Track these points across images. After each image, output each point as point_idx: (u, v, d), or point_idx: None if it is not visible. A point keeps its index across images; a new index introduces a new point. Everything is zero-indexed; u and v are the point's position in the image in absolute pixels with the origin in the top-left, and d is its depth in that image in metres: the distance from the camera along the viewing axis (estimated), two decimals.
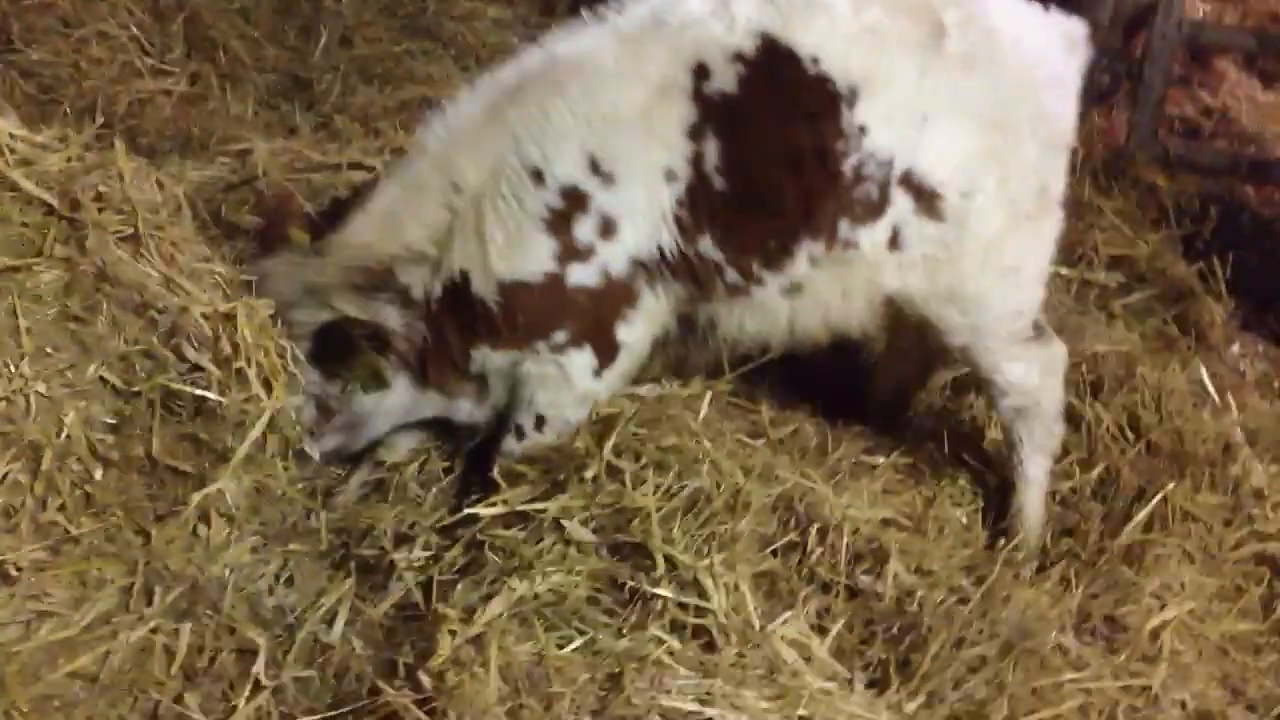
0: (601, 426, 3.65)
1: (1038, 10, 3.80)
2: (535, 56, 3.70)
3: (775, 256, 3.66)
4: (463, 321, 3.70)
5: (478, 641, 2.95)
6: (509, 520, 3.46)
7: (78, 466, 2.55)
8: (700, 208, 3.55)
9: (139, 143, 5.01)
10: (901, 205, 3.62)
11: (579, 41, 3.64)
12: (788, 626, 3.23)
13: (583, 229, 3.55)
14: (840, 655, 3.35)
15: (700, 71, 3.51)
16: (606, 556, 3.37)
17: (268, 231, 3.79)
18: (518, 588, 3.08)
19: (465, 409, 3.93)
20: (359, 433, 3.85)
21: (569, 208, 3.54)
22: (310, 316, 3.58)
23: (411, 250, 3.66)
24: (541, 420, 3.74)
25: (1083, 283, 5.75)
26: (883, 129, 3.55)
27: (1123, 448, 4.37)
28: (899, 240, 3.67)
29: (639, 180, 3.53)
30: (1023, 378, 3.86)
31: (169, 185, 3.31)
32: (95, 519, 2.57)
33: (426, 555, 3.50)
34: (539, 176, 3.52)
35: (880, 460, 4.30)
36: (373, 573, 3.48)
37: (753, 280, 3.69)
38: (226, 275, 3.16)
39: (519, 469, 3.61)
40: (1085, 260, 5.89)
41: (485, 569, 3.34)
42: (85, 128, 4.59)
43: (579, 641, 3.12)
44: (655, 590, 3.19)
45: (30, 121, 4.61)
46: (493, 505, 3.44)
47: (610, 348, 3.68)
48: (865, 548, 3.64)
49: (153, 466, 2.72)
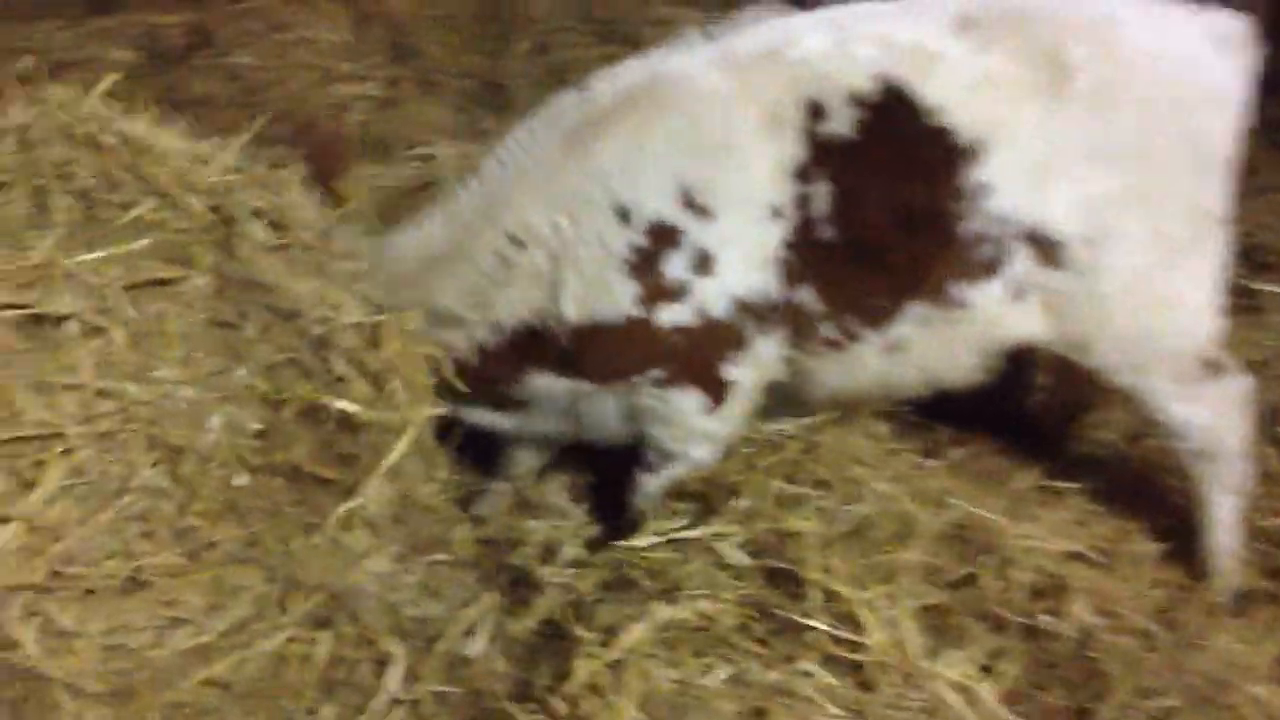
0: (757, 451, 3.50)
1: (1184, 14, 3.40)
2: (635, 73, 3.50)
3: (878, 316, 3.42)
4: (527, 355, 3.57)
5: (616, 667, 2.84)
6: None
7: (220, 472, 2.55)
8: (803, 254, 3.34)
9: None
10: (1023, 258, 3.35)
11: (686, 62, 3.44)
12: (953, 667, 3.00)
13: (674, 266, 3.35)
14: (1011, 701, 3.07)
15: (815, 110, 3.29)
16: (759, 582, 3.21)
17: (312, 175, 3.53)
18: (661, 613, 2.95)
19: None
20: None
21: (656, 246, 3.35)
22: None
23: (441, 314, 3.51)
24: (666, 455, 3.60)
25: None
26: (1003, 186, 3.28)
27: None
28: (1021, 291, 3.39)
29: (741, 215, 3.33)
30: (1195, 419, 3.49)
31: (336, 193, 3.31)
32: (236, 525, 2.56)
33: (573, 572, 3.40)
34: (625, 215, 3.34)
35: (1069, 486, 3.98)
36: (518, 587, 3.41)
37: (851, 338, 3.46)
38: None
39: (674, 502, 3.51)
40: None
41: (632, 590, 3.24)
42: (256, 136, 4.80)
43: (725, 672, 2.96)
44: (808, 621, 3.01)
45: (230, 125, 4.79)
46: (645, 537, 3.32)
47: (719, 387, 3.49)
48: (1046, 583, 3.37)
49: (296, 474, 2.70)
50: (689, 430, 3.56)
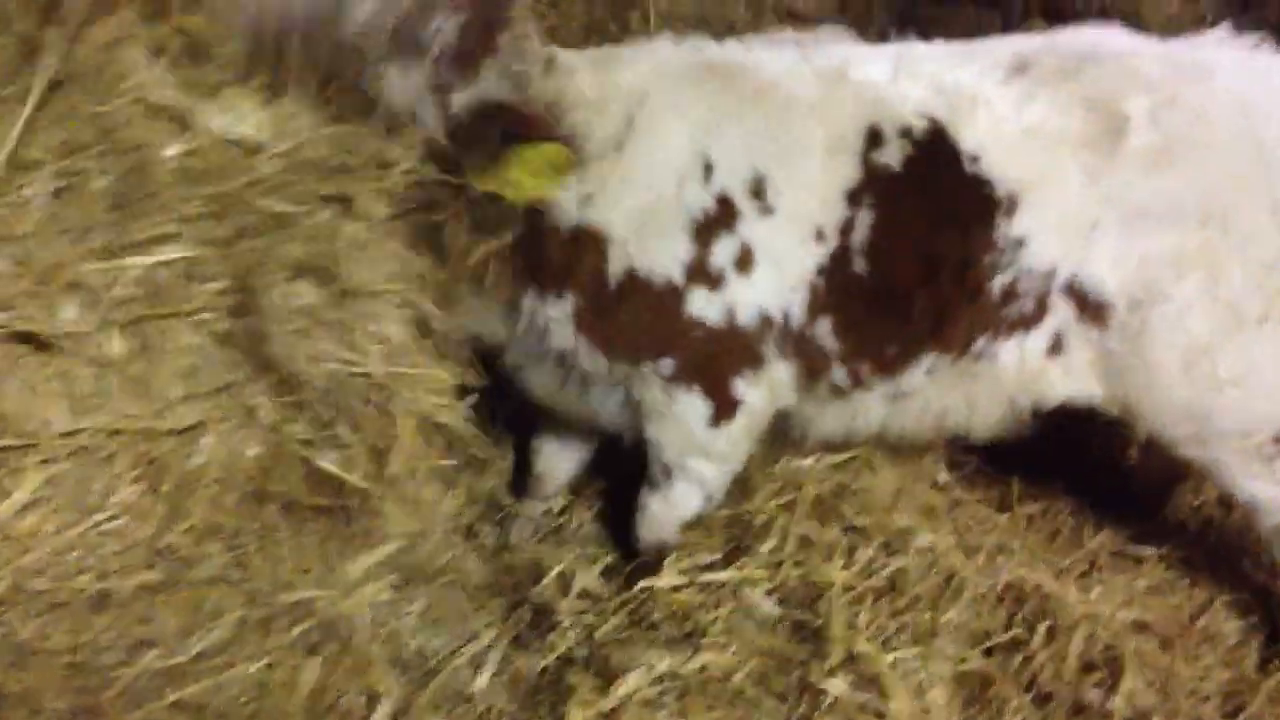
0: (795, 488, 3.33)
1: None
2: (734, 53, 3.29)
3: (890, 365, 3.20)
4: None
5: (613, 715, 2.71)
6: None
7: (209, 492, 2.49)
8: (833, 284, 3.12)
9: None
10: (1062, 314, 3.12)
11: (777, 60, 3.25)
12: None
13: (721, 249, 3.10)
14: None
15: (873, 136, 3.10)
16: (785, 634, 3.05)
17: None
18: (662, 663, 2.81)
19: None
20: None
21: (718, 219, 3.10)
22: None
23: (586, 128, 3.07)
24: (668, 469, 3.33)
25: None
26: (1041, 240, 3.06)
27: None
28: (1060, 346, 3.16)
29: (791, 226, 3.11)
30: (1269, 496, 3.19)
31: None
32: (223, 548, 2.51)
33: (593, 608, 3.27)
34: (709, 171, 3.10)
35: (1149, 552, 3.70)
36: (538, 620, 3.30)
37: (858, 385, 3.24)
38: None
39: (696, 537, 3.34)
40: None
41: (651, 632, 3.10)
42: None
43: None
44: (824, 684, 2.83)
45: None
46: (669, 576, 3.18)
47: (727, 400, 3.23)
48: (1101, 655, 3.11)
49: (293, 500, 2.64)
50: (690, 439, 3.29)
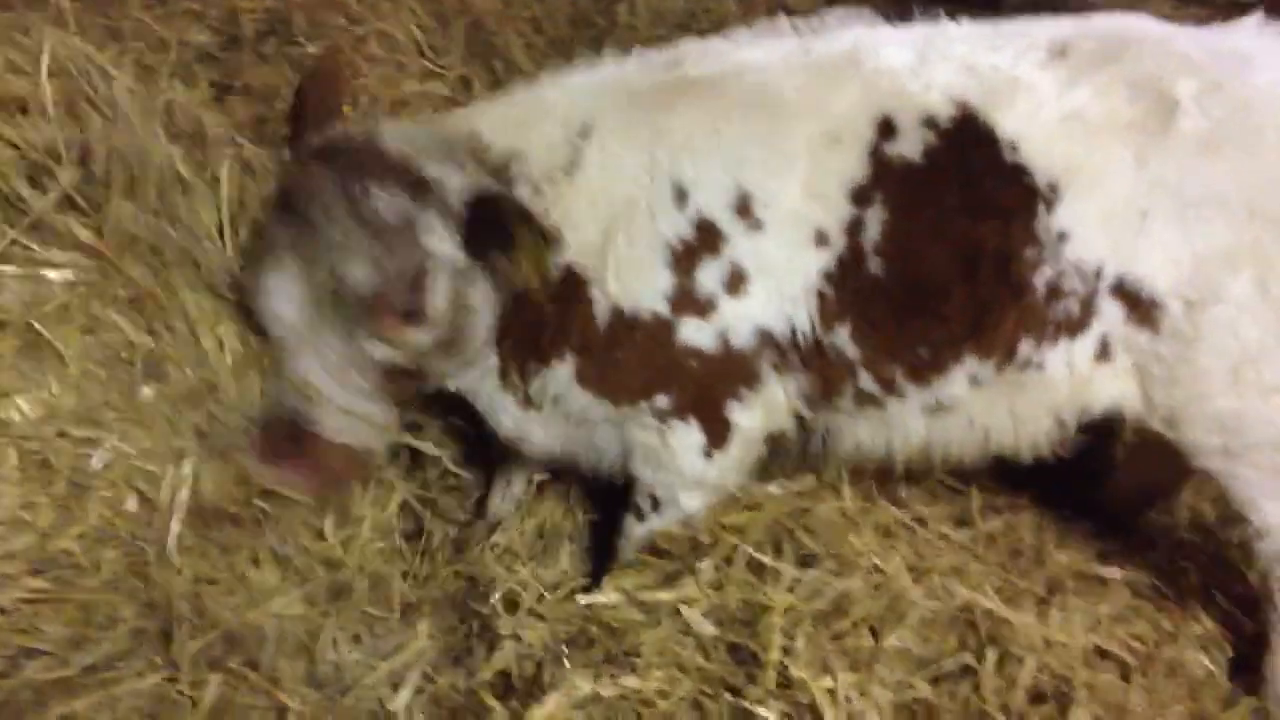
0: (746, 508, 3.21)
1: None
2: (715, 53, 3.18)
3: (924, 369, 3.04)
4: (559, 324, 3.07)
5: None
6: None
7: (106, 495, 2.40)
8: (846, 288, 2.97)
9: None
10: (1110, 316, 2.96)
11: (766, 54, 3.12)
12: None
13: (707, 275, 2.98)
14: None
15: (885, 127, 2.94)
16: (723, 657, 2.92)
17: (311, 99, 3.02)
18: (582, 686, 2.69)
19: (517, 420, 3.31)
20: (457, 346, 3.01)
21: (699, 245, 2.97)
22: (454, 178, 2.86)
23: (527, 173, 3.01)
24: (656, 502, 3.27)
25: None
26: (1089, 235, 2.90)
27: None
28: (1108, 351, 3.01)
29: (785, 235, 2.97)
30: None
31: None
32: (119, 554, 2.41)
33: (536, 624, 3.15)
34: (681, 197, 2.97)
35: (1114, 574, 3.56)
36: (480, 634, 3.19)
37: (891, 392, 3.08)
38: None
39: (643, 555, 3.22)
40: None
41: (589, 649, 2.99)
42: None
43: None
44: (757, 710, 2.71)
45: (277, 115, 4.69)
46: (608, 594, 3.06)
47: (721, 427, 3.13)
48: (1051, 685, 2.98)
49: (200, 507, 2.53)
50: (683, 475, 3.21)
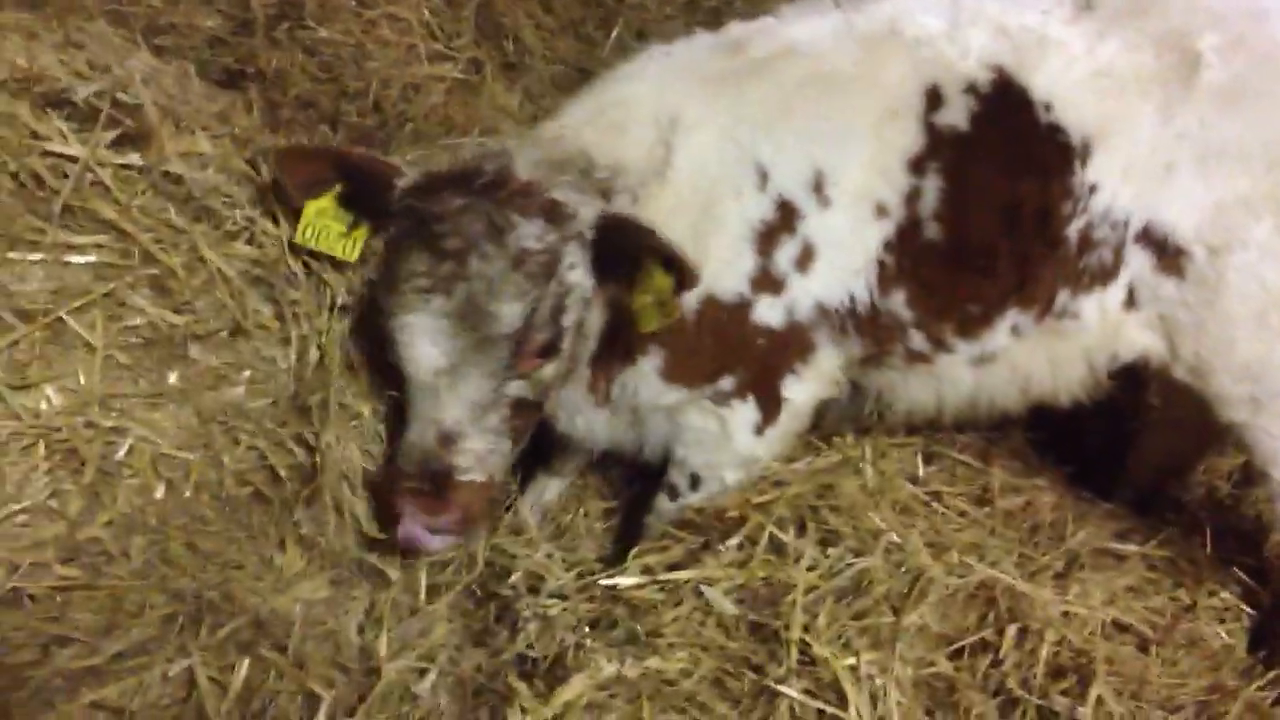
0: (770, 485, 3.22)
1: None
2: (771, 33, 3.16)
3: (973, 324, 3.09)
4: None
5: None
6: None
7: (133, 483, 2.42)
8: (904, 256, 3.00)
9: (405, 129, 5.01)
10: (1138, 263, 3.01)
11: (816, 31, 3.12)
12: None
13: (784, 254, 3.00)
14: None
15: (933, 97, 2.98)
16: (744, 635, 2.94)
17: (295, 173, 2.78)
18: (605, 668, 2.71)
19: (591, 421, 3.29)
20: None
21: (779, 225, 2.99)
22: (584, 205, 2.75)
23: (628, 184, 2.91)
24: (696, 480, 3.29)
25: None
26: (1117, 186, 2.96)
27: None
28: (1135, 299, 3.05)
29: (851, 211, 3.00)
30: None
31: None
32: (147, 541, 2.43)
33: (559, 604, 3.17)
34: (763, 178, 2.98)
35: (1132, 550, 3.57)
36: (501, 617, 3.21)
37: (941, 348, 3.12)
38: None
39: (668, 530, 3.22)
40: None
41: (611, 631, 3.01)
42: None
43: None
44: (781, 688, 2.72)
45: (301, 102, 4.71)
46: (631, 574, 3.07)
47: (774, 403, 3.17)
48: (1071, 660, 2.99)
49: (223, 490, 2.55)
50: (732, 454, 3.23)
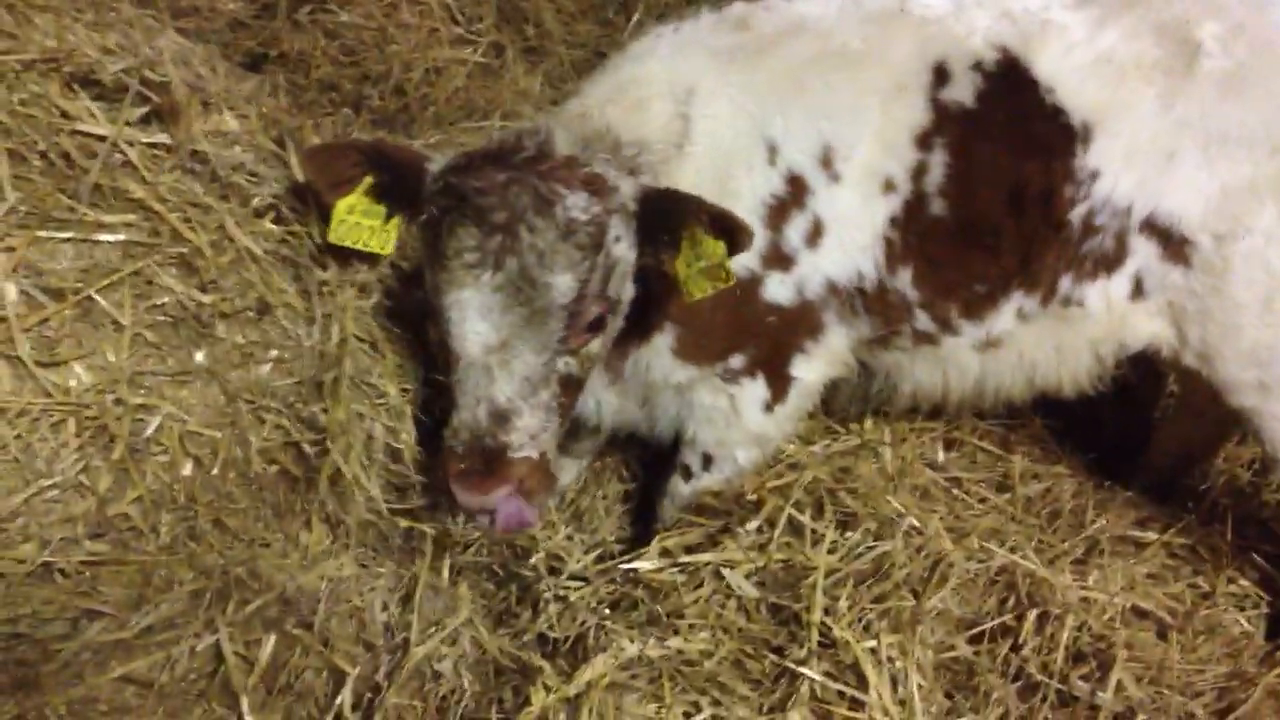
0: (787, 469, 3.22)
1: None
2: (778, 9, 3.17)
3: (978, 305, 3.10)
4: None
5: (576, 701, 2.63)
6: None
7: (162, 460, 2.43)
8: (910, 232, 3.01)
9: (428, 113, 5.01)
10: (1144, 253, 3.02)
11: (824, 8, 3.13)
12: None
13: (794, 229, 3.00)
14: None
15: (941, 73, 2.99)
16: (765, 617, 2.95)
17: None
18: (628, 648, 2.72)
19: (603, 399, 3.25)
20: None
21: (789, 200, 2.99)
22: (624, 179, 2.69)
23: (649, 161, 2.83)
24: (709, 460, 3.30)
25: None
26: (1119, 173, 2.97)
27: None
28: (1143, 288, 3.06)
29: (858, 185, 3.01)
30: None
31: None
32: (175, 517, 2.45)
33: (578, 586, 3.18)
34: (773, 152, 2.98)
35: (1151, 537, 3.57)
36: (521, 597, 3.23)
37: (946, 329, 3.14)
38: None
39: (687, 516, 3.23)
40: None
41: (631, 612, 3.02)
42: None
43: (707, 713, 2.73)
44: (801, 669, 2.73)
45: (324, 86, 4.71)
46: (652, 557, 3.07)
47: (783, 381, 3.18)
48: (1091, 645, 2.99)
49: (250, 468, 2.56)
50: (743, 432, 3.23)
